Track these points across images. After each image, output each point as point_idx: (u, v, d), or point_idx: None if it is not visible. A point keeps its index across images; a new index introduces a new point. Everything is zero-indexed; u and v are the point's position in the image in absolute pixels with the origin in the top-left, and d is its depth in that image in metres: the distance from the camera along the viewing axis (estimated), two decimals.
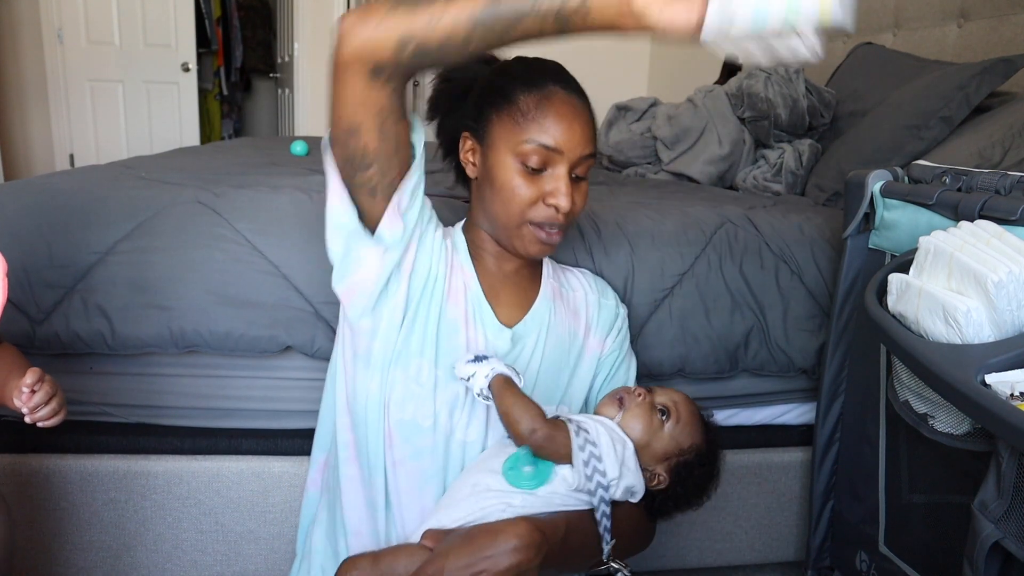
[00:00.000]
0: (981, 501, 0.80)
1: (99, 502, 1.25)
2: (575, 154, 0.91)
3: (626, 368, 1.11)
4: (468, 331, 0.95)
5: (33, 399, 0.86)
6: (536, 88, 0.91)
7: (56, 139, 4.69)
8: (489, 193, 0.94)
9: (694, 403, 0.97)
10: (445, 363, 0.93)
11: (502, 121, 0.91)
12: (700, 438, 0.94)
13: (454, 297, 0.96)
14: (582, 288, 1.10)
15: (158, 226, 1.21)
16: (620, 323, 1.12)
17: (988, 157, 1.43)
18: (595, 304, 1.09)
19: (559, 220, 0.92)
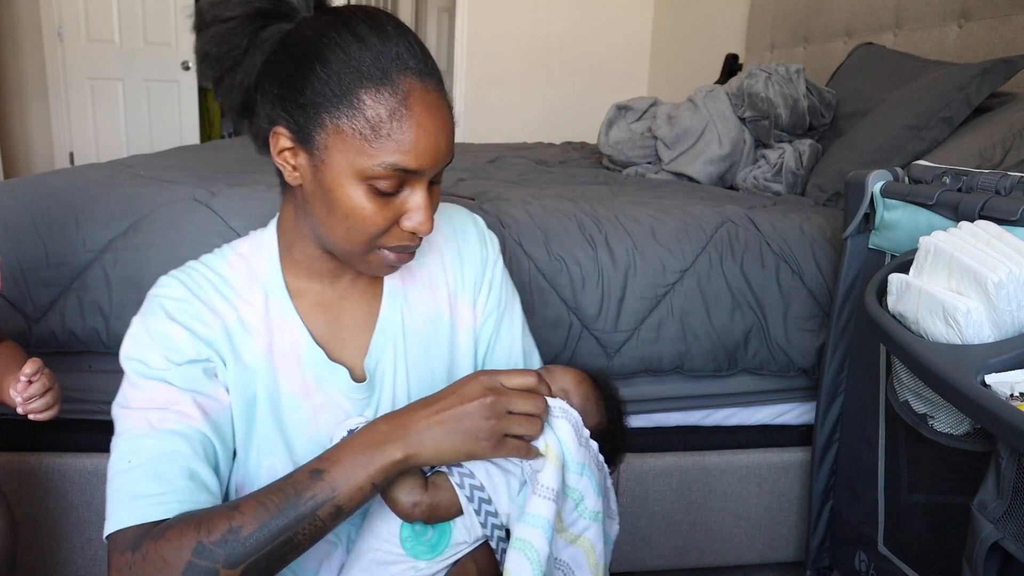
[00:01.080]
0: (980, 501, 0.80)
1: (98, 500, 1.25)
2: (438, 167, 0.71)
3: (508, 324, 0.92)
4: (312, 400, 0.79)
5: (29, 389, 0.86)
6: (387, 85, 0.67)
7: (56, 137, 4.69)
8: (323, 213, 0.72)
9: (588, 381, 0.86)
10: (300, 445, 0.78)
11: (341, 133, 0.67)
12: (599, 416, 0.85)
13: (285, 369, 0.78)
14: (434, 247, 0.89)
15: (153, 224, 1.21)
16: (491, 270, 0.92)
17: (988, 157, 1.43)
18: (455, 261, 0.90)
19: (416, 242, 0.75)
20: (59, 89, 4.63)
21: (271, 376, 0.78)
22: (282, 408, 0.78)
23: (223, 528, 0.64)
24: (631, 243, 1.32)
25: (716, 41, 3.52)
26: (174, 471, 0.68)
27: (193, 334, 0.75)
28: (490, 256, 0.93)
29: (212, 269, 0.80)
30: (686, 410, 1.43)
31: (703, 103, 2.24)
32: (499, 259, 0.94)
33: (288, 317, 0.79)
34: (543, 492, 0.71)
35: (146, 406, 0.71)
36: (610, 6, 4.36)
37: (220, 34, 0.71)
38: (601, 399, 0.86)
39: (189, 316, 0.76)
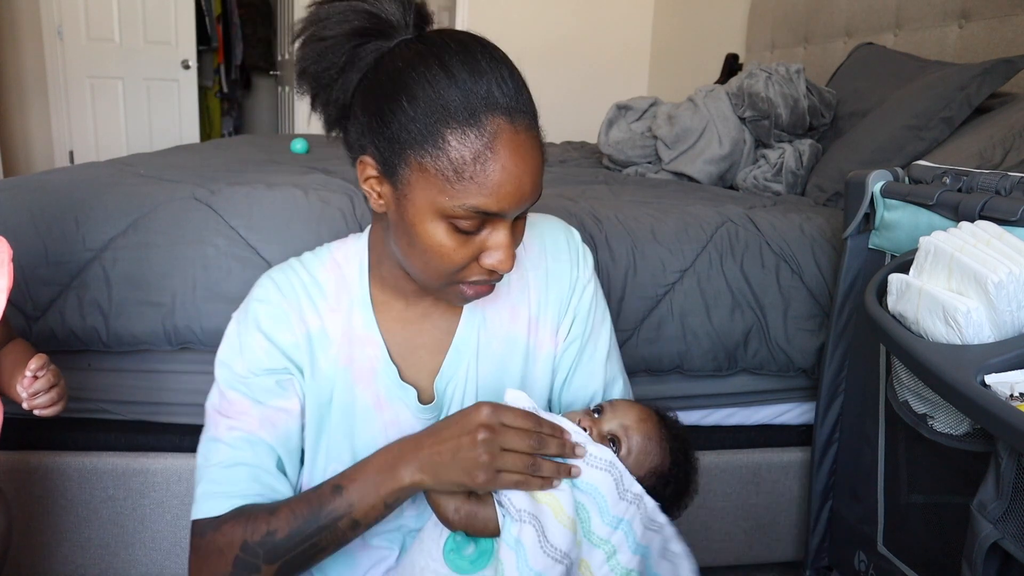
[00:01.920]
0: (980, 501, 0.80)
1: (97, 499, 1.25)
2: (522, 208, 0.70)
3: (592, 351, 0.89)
4: (383, 415, 0.81)
5: (34, 384, 0.86)
6: (474, 127, 0.65)
7: (56, 136, 4.69)
8: (405, 244, 0.73)
9: (652, 419, 0.82)
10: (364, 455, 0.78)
11: (424, 169, 0.67)
12: (660, 459, 0.81)
13: (363, 381, 0.81)
14: (520, 265, 0.86)
15: (153, 223, 1.21)
16: (578, 295, 0.88)
17: (988, 158, 1.43)
18: (540, 282, 0.87)
19: (496, 278, 0.75)
20: (59, 88, 4.63)
21: (348, 386, 0.81)
22: (355, 418, 0.82)
23: (262, 531, 0.73)
24: (631, 243, 1.32)
25: (716, 41, 3.52)
26: (241, 474, 0.77)
27: (273, 344, 0.79)
28: (580, 278, 0.89)
29: (309, 272, 0.83)
30: (686, 410, 1.43)
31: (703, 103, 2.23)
32: (591, 281, 0.90)
33: (370, 331, 0.81)
34: (551, 551, 0.69)
35: (225, 413, 0.78)
36: (610, 6, 4.35)
37: (319, 52, 0.71)
38: (665, 439, 0.82)
39: (274, 323, 0.80)
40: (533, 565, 0.67)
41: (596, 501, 0.73)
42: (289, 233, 1.22)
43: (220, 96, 5.84)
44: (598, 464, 0.74)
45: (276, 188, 1.30)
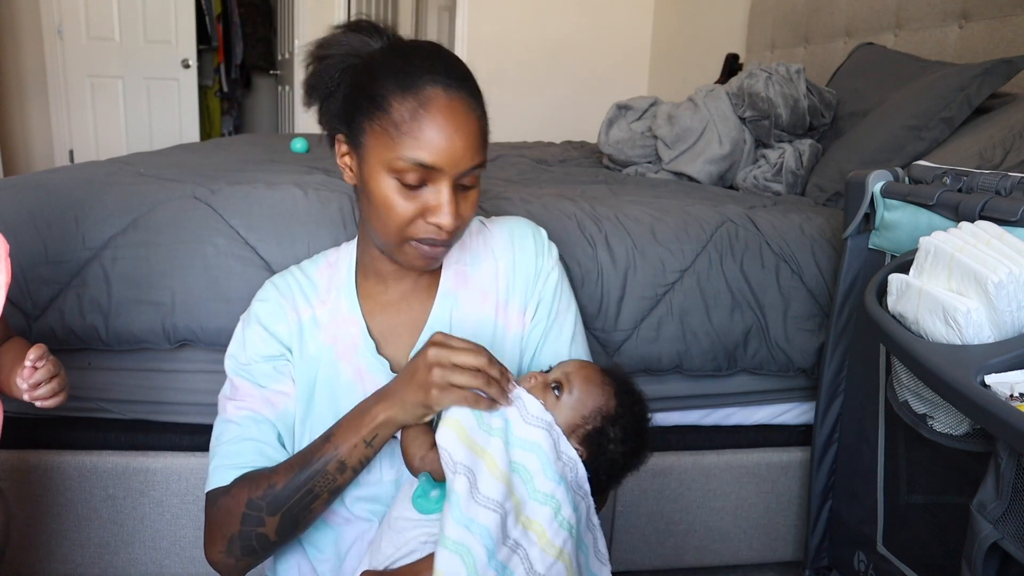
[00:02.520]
0: (980, 502, 0.80)
1: (97, 498, 1.25)
2: (458, 169, 0.80)
3: (557, 332, 0.98)
4: (365, 387, 0.89)
5: (35, 375, 0.85)
6: (411, 91, 0.79)
7: (56, 135, 4.69)
8: (366, 206, 0.85)
9: (594, 367, 0.89)
10: None
11: (374, 131, 0.80)
12: (604, 399, 0.86)
13: (345, 358, 0.91)
14: (491, 255, 0.98)
15: (153, 222, 1.21)
16: (542, 281, 0.98)
17: (988, 158, 1.43)
18: (507, 269, 0.97)
19: (443, 237, 0.83)
20: (59, 87, 4.63)
21: (332, 364, 0.91)
22: (339, 393, 0.90)
23: (264, 485, 0.83)
24: (631, 242, 1.32)
25: (716, 41, 3.52)
26: (247, 448, 0.88)
27: (270, 334, 0.91)
28: (544, 266, 0.99)
29: (305, 274, 0.97)
30: (685, 409, 1.43)
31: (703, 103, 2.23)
32: (554, 269, 1.00)
33: (353, 313, 0.92)
34: (483, 501, 0.74)
35: (232, 397, 0.91)
36: (611, 5, 4.35)
37: (319, 70, 0.87)
38: (608, 383, 0.87)
39: (271, 317, 0.92)
40: (465, 512, 0.73)
41: (538, 457, 0.79)
42: (289, 232, 1.22)
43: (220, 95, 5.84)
44: (538, 424, 0.80)
45: (276, 187, 1.30)
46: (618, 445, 0.85)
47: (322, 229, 1.23)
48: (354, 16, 5.32)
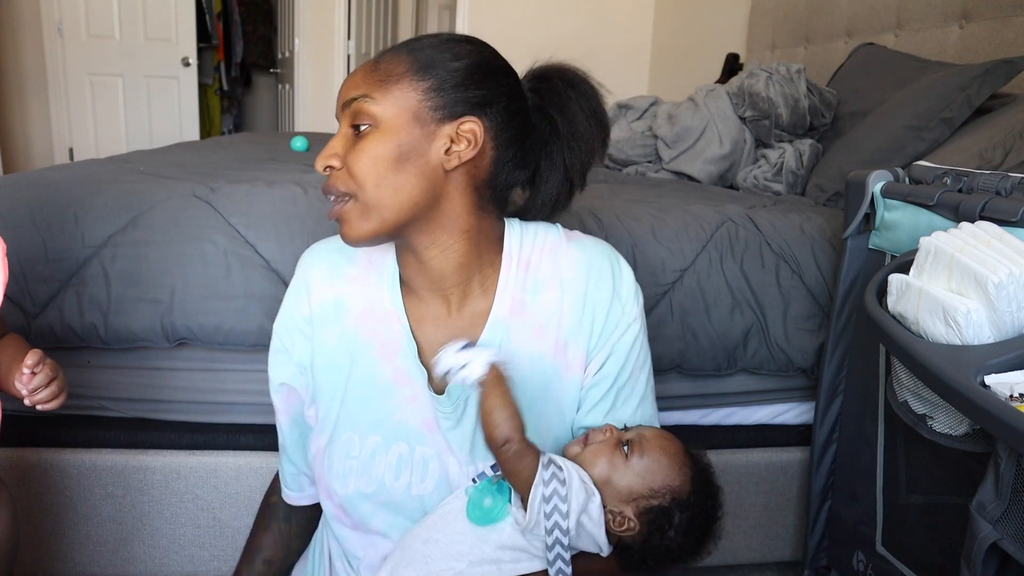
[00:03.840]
0: (979, 502, 0.80)
1: (97, 497, 1.25)
2: (341, 100, 0.79)
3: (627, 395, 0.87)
4: (403, 390, 0.84)
5: (33, 380, 0.85)
6: None
7: (56, 133, 4.69)
8: None
9: (677, 442, 0.81)
10: (388, 427, 0.84)
11: None
12: (679, 481, 0.78)
13: (387, 355, 0.84)
14: (557, 285, 0.85)
15: (152, 220, 1.21)
16: (620, 334, 0.85)
17: (989, 158, 1.43)
18: (576, 304, 0.84)
19: (328, 185, 0.78)
20: (59, 85, 4.63)
21: (372, 361, 0.84)
22: (375, 391, 0.84)
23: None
24: (631, 242, 1.32)
25: (717, 41, 3.51)
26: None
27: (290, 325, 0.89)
28: (624, 317, 0.86)
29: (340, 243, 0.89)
30: (684, 409, 1.43)
31: (704, 102, 2.23)
32: (635, 322, 0.87)
33: (396, 307, 0.85)
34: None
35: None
36: (611, 5, 4.35)
37: None
38: (686, 465, 0.79)
39: (294, 300, 0.89)
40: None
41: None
42: (288, 231, 1.22)
43: (220, 94, 5.84)
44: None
45: (276, 186, 1.30)
46: (679, 535, 0.78)
47: (322, 228, 1.23)
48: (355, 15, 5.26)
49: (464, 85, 0.77)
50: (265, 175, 1.43)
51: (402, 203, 0.77)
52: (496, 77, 0.80)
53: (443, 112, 0.77)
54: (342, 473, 0.85)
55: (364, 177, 0.76)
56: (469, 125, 0.77)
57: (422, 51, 0.78)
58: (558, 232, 0.89)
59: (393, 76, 0.76)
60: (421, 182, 0.77)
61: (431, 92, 0.76)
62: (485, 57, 0.81)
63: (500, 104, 0.79)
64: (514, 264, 0.85)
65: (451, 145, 0.77)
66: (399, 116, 0.76)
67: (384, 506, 0.85)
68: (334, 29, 4.69)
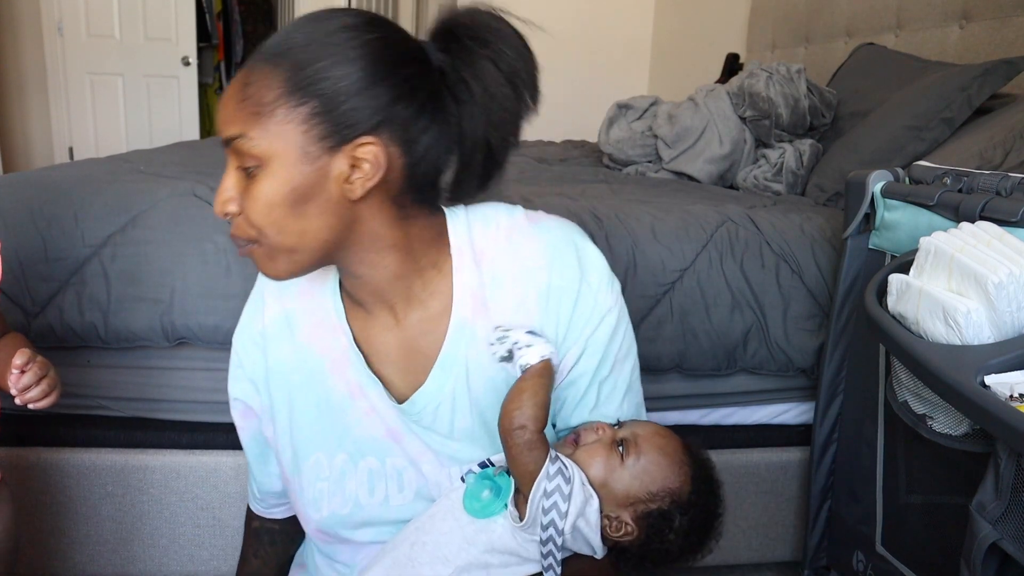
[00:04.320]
0: (979, 502, 0.80)
1: (96, 496, 1.25)
2: (221, 132, 0.69)
3: (609, 389, 0.80)
4: (358, 403, 0.79)
5: (21, 380, 0.84)
6: None
7: (55, 132, 4.68)
8: None
9: (673, 439, 0.77)
10: (350, 442, 0.79)
11: None
12: (678, 482, 0.75)
13: (337, 370, 0.79)
14: (518, 273, 0.77)
15: (152, 219, 1.21)
16: (593, 327, 0.78)
17: (989, 159, 1.43)
18: (538, 296, 0.76)
19: (232, 234, 0.72)
20: (59, 84, 4.62)
21: (323, 378, 0.79)
22: (331, 408, 0.79)
23: None
24: (631, 242, 1.32)
25: (717, 40, 3.51)
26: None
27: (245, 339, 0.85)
28: (597, 308, 0.78)
29: None
30: (684, 409, 1.43)
31: (704, 102, 2.23)
32: (611, 312, 0.79)
33: (340, 320, 0.79)
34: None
35: None
36: (611, 5, 4.35)
37: None
38: (686, 463, 0.76)
39: (250, 314, 0.85)
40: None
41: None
42: None
43: (220, 93, 5.84)
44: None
45: None
46: (680, 537, 0.74)
47: None
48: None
49: (350, 101, 0.65)
50: None
51: (310, 243, 0.69)
52: (392, 75, 0.67)
53: (332, 140, 0.66)
54: (314, 498, 0.81)
55: (263, 225, 0.68)
56: (367, 148, 0.66)
57: (294, 61, 0.65)
58: (516, 214, 0.81)
59: (266, 105, 0.65)
60: (327, 219, 0.68)
61: (313, 119, 0.65)
62: (375, 51, 0.67)
63: (403, 106, 0.67)
64: (467, 260, 0.77)
65: (351, 172, 0.67)
66: (284, 154, 0.66)
67: (364, 523, 0.81)
68: None
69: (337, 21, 0.67)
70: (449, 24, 0.73)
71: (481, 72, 0.72)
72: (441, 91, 0.71)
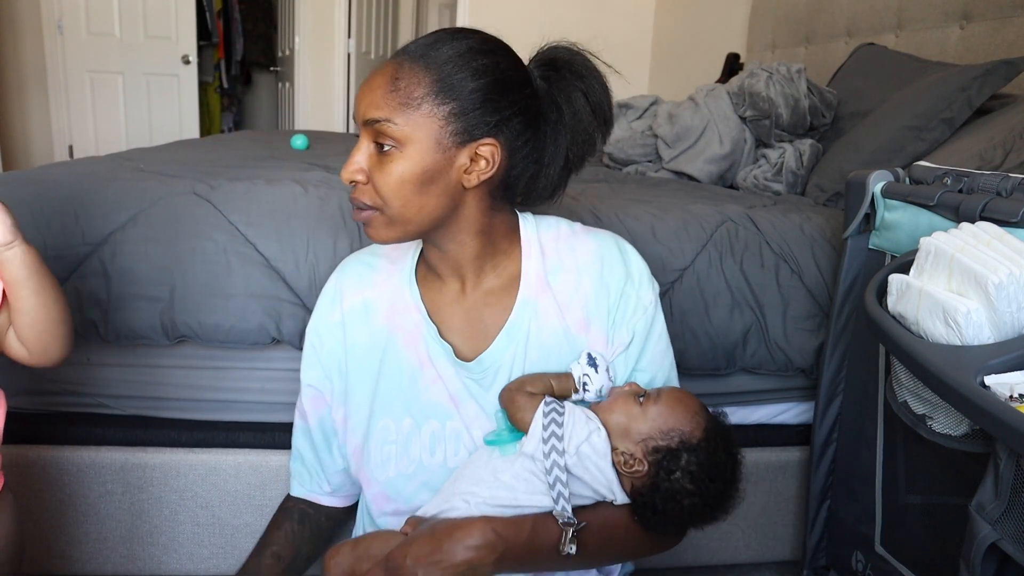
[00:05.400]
0: (978, 502, 0.80)
1: (96, 494, 1.25)
2: (358, 119, 0.83)
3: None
4: (427, 372, 0.92)
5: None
6: None
7: (55, 130, 4.68)
8: None
9: (692, 396, 0.87)
10: (417, 409, 0.92)
11: None
12: (690, 426, 0.83)
13: (410, 344, 0.93)
14: (574, 267, 0.93)
15: (152, 217, 1.21)
16: (639, 313, 0.93)
17: (989, 159, 1.43)
18: (592, 286, 0.93)
19: (355, 197, 0.85)
20: (59, 82, 4.62)
21: (397, 351, 0.93)
22: (403, 378, 0.93)
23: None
24: (631, 241, 1.31)
25: (717, 40, 3.51)
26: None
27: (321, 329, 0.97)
28: (640, 300, 0.93)
29: (372, 254, 1.00)
30: None
31: (704, 102, 2.23)
32: (652, 305, 0.94)
33: (415, 299, 0.94)
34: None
35: None
36: (612, 4, 4.35)
37: None
38: (699, 414, 0.85)
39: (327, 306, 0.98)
40: None
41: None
42: (288, 229, 1.22)
43: (220, 91, 5.84)
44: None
45: (276, 184, 1.30)
46: (685, 479, 0.81)
47: (322, 226, 1.23)
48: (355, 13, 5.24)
49: (483, 108, 0.81)
50: (265, 173, 1.43)
51: (424, 218, 0.84)
52: (512, 93, 0.83)
53: (463, 136, 0.81)
54: (381, 460, 0.93)
55: (391, 197, 0.82)
56: (487, 148, 0.82)
57: (441, 68, 0.80)
58: (569, 224, 0.98)
59: (414, 99, 0.80)
60: (443, 199, 0.84)
61: (451, 117, 0.80)
62: (502, 71, 0.83)
63: (516, 119, 0.84)
64: (534, 250, 0.93)
65: (470, 165, 0.83)
66: (422, 141, 0.80)
67: (425, 484, 0.92)
68: (334, 27, 4.69)
69: (471, 41, 0.83)
70: (551, 56, 0.89)
71: (573, 100, 0.88)
72: (540, 111, 0.86)
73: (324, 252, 1.21)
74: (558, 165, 0.90)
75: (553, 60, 0.89)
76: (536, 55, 0.90)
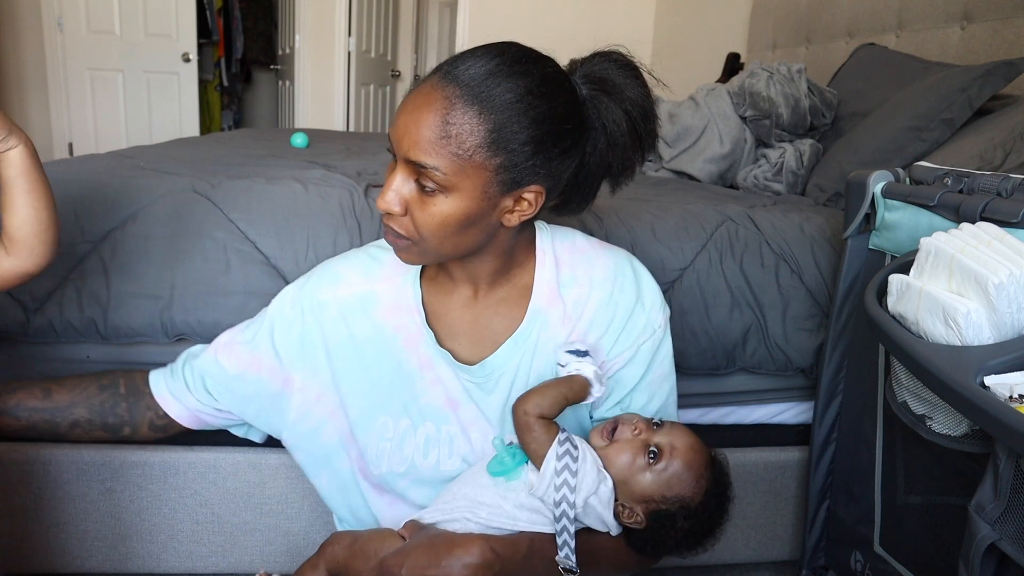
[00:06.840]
0: (978, 503, 0.80)
1: (95, 492, 1.25)
2: (400, 151, 0.79)
3: (643, 404, 0.96)
4: (427, 375, 0.93)
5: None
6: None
7: (55, 128, 4.68)
8: None
9: (703, 452, 0.87)
10: (416, 409, 0.94)
11: None
12: (692, 491, 0.85)
13: (411, 345, 0.94)
14: (587, 281, 0.94)
15: (152, 215, 1.21)
16: (647, 335, 0.95)
17: (989, 159, 1.43)
18: (600, 300, 0.94)
19: (389, 227, 0.83)
20: (59, 80, 4.62)
21: (398, 351, 0.93)
22: (403, 377, 0.93)
23: None
24: (631, 241, 1.32)
25: (718, 40, 3.51)
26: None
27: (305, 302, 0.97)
28: (649, 323, 0.94)
29: (379, 247, 0.99)
30: (683, 408, 1.42)
31: (704, 102, 2.23)
32: (659, 329, 0.95)
33: (416, 301, 0.94)
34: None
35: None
36: (612, 4, 4.35)
37: None
38: (705, 478, 0.86)
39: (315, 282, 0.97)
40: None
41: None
42: (288, 227, 1.22)
43: (220, 90, 5.83)
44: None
45: (276, 182, 1.30)
46: (678, 534, 0.86)
47: (322, 224, 1.23)
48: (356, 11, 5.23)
49: (532, 159, 0.79)
50: (265, 171, 1.43)
51: (460, 252, 0.86)
52: (564, 139, 0.81)
53: (511, 185, 0.80)
54: (376, 456, 0.95)
55: (429, 236, 0.81)
56: (532, 194, 0.82)
57: (498, 116, 0.76)
58: (586, 237, 0.99)
59: (466, 150, 0.76)
60: (480, 237, 0.84)
61: (500, 169, 0.78)
62: (558, 119, 0.80)
63: (560, 158, 0.82)
64: (549, 261, 0.94)
65: (513, 205, 0.83)
66: (469, 190, 0.79)
67: (416, 482, 0.94)
68: (335, 26, 4.68)
69: (530, 82, 0.78)
70: (601, 72, 0.87)
71: (617, 119, 0.86)
72: (583, 125, 0.84)
73: (324, 250, 1.21)
74: (596, 181, 0.90)
75: (604, 78, 0.86)
76: (587, 68, 0.87)
